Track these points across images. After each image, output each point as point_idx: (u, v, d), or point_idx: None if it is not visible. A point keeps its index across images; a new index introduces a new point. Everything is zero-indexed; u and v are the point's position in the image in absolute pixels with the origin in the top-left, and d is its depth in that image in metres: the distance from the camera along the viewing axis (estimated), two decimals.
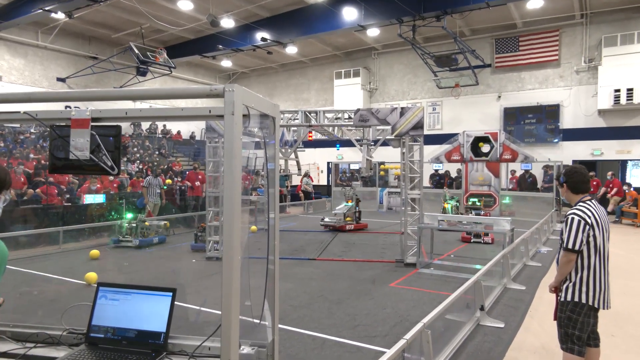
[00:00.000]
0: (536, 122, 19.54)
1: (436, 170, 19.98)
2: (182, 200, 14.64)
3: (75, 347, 2.18)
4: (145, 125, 22.91)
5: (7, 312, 2.59)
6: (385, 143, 9.72)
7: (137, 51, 17.29)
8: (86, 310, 2.26)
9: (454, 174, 19.04)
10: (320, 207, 19.63)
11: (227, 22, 17.82)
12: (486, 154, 14.45)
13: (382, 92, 23.64)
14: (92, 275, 7.06)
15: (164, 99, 1.90)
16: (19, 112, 2.18)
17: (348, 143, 13.73)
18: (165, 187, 14.76)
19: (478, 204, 13.31)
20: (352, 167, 23.33)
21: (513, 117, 20.02)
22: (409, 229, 8.53)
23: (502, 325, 5.12)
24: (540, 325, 5.19)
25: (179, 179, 16.55)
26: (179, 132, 24.53)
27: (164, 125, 24.07)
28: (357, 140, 10.85)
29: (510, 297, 6.29)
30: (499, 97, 20.40)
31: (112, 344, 2.15)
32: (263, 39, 18.70)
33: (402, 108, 8.75)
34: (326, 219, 13.30)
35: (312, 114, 9.88)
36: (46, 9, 15.11)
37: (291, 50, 21.62)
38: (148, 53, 17.70)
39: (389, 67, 23.43)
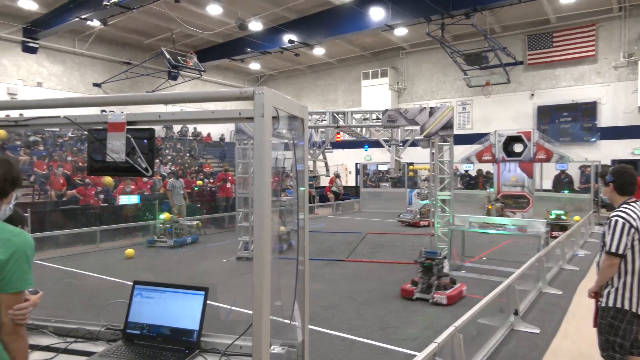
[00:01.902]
0: (572, 121, 18.89)
1: (466, 171, 19.60)
2: (212, 201, 14.90)
3: (113, 343, 2.25)
4: (176, 128, 23.43)
5: (49, 307, 2.71)
6: (414, 143, 9.63)
7: (168, 56, 17.72)
8: (123, 307, 2.34)
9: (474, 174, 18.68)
10: (349, 209, 19.58)
11: (255, 25, 18.04)
12: (519, 154, 14.06)
13: (410, 92, 23.40)
14: (130, 252, 9.13)
15: (195, 102, 1.94)
16: (59, 116, 2.27)
17: (376, 144, 13.65)
18: (196, 188, 15.06)
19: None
20: (381, 167, 23.19)
21: (547, 115, 19.42)
22: (439, 230, 8.40)
23: (537, 331, 4.97)
24: (578, 331, 5.01)
25: (210, 180, 16.85)
26: (209, 135, 24.98)
27: (195, 128, 24.56)
28: (386, 141, 10.79)
29: (546, 302, 6.10)
30: (532, 95, 19.84)
31: (148, 341, 2.22)
32: (290, 41, 18.83)
33: (431, 108, 8.64)
34: (401, 215, 14.68)
35: (339, 115, 9.88)
36: (83, 17, 15.70)
37: (318, 51, 21.69)
38: (179, 57, 18.12)
39: (417, 66, 23.17)
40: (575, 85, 18.94)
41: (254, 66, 25.20)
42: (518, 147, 14.33)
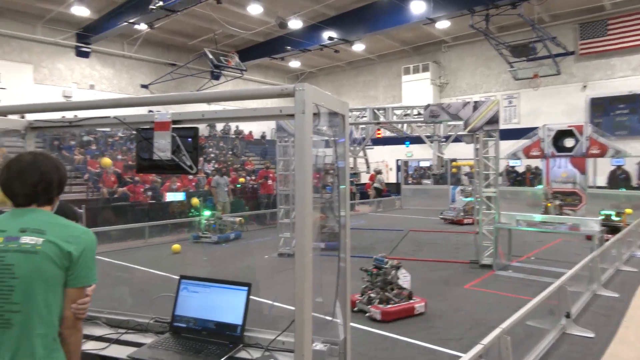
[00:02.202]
0: (629, 113, 17.78)
1: (512, 167, 18.90)
2: (254, 198, 15.15)
3: (161, 335, 2.33)
4: (219, 126, 24.00)
5: (102, 299, 2.82)
6: (457, 139, 9.37)
7: (211, 56, 18.13)
8: (170, 301, 2.41)
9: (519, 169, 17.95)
10: (390, 206, 19.38)
11: (295, 23, 18.14)
12: (570, 149, 13.39)
13: (453, 87, 22.81)
14: (176, 247, 9.44)
15: (237, 100, 1.96)
16: (109, 117, 2.37)
17: (418, 140, 13.40)
18: (239, 186, 15.35)
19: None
20: (422, 164, 22.77)
21: (601, 108, 18.38)
22: (484, 228, 8.15)
23: (591, 335, 4.71)
24: (637, 337, 4.71)
25: (252, 178, 17.14)
26: (250, 133, 25.42)
27: (237, 126, 25.05)
28: (428, 137, 10.58)
29: (600, 305, 5.78)
30: (585, 86, 18.84)
31: (193, 334, 2.27)
32: (330, 38, 18.81)
33: (475, 102, 8.38)
34: (444, 213, 14.34)
35: (380, 111, 9.77)
36: (131, 21, 16.35)
37: (358, 47, 21.54)
38: (221, 57, 18.50)
39: (460, 60, 22.54)
40: (633, 75, 17.81)
41: (294, 64, 25.37)
42: (569, 142, 13.62)
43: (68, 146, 15.41)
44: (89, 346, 2.27)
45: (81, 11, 16.88)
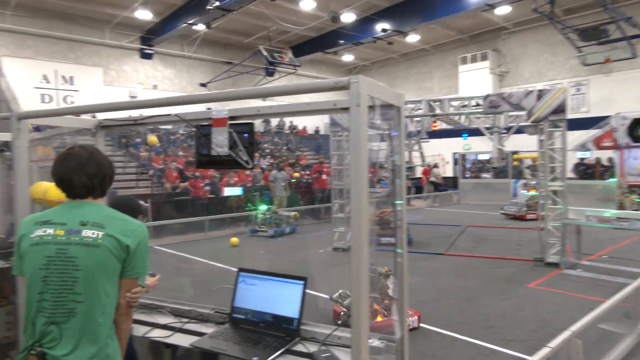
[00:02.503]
0: None
1: (581, 159, 17.71)
2: (308, 193, 15.29)
3: (221, 325, 2.40)
4: (274, 122, 24.44)
5: (167, 289, 2.97)
6: (519, 130, 8.91)
7: (265, 53, 18.45)
8: (229, 292, 2.48)
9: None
10: (447, 200, 18.84)
11: (348, 17, 18.02)
12: None
13: (514, 75, 21.71)
14: (234, 240, 9.79)
15: (291, 94, 1.96)
16: (170, 114, 2.46)
17: (476, 132, 12.90)
18: (293, 180, 15.55)
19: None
20: (481, 157, 21.93)
21: None
22: (550, 224, 7.70)
23: None
24: None
25: (306, 172, 17.31)
26: (304, 128, 25.66)
27: (291, 122, 25.38)
28: (487, 129, 10.16)
29: None
30: None
31: (252, 325, 2.32)
32: (383, 30, 18.49)
33: (539, 91, 7.91)
34: (505, 208, 13.69)
35: (436, 103, 9.49)
36: (189, 22, 17.00)
37: (412, 38, 21.04)
38: (275, 54, 18.76)
39: (522, 46, 21.39)
40: None
41: (347, 58, 25.25)
42: None
43: (134, 144, 16.32)
44: (155, 334, 2.38)
45: (144, 15, 17.77)
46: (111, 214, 1.79)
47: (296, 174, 16.51)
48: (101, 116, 2.85)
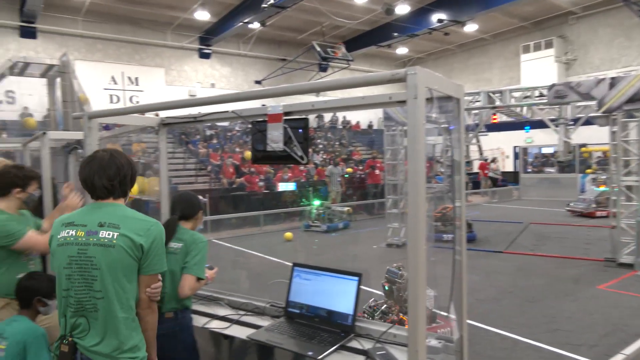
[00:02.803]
0: None
1: None
2: (362, 188, 15.22)
3: (277, 319, 2.43)
4: (327, 118, 24.50)
5: (224, 282, 3.06)
6: (588, 122, 8.32)
7: (318, 49, 18.50)
8: (284, 286, 2.50)
9: None
10: (507, 196, 18.04)
11: (402, 9, 17.64)
12: None
13: (582, 63, 20.33)
14: (289, 235, 9.92)
15: (346, 88, 1.93)
16: (227, 111, 2.52)
17: (539, 124, 12.25)
18: (346, 176, 15.54)
19: None
20: (544, 150, 20.76)
21: None
22: (623, 222, 7.15)
23: None
24: None
25: (359, 167, 17.23)
26: (357, 123, 25.52)
27: (344, 117, 25.32)
28: (552, 120, 9.60)
29: None
30: None
31: (306, 320, 2.33)
32: (439, 20, 17.94)
33: (612, 79, 7.34)
34: (572, 204, 13.01)
35: (496, 95, 9.08)
36: (245, 21, 17.40)
37: (470, 28, 20.25)
38: (328, 49, 18.77)
39: (592, 32, 19.96)
40: None
41: (401, 51, 24.78)
42: None
43: (193, 141, 17.00)
44: (214, 325, 2.46)
45: (203, 15, 18.41)
46: (128, 214, 1.86)
47: (349, 169, 16.48)
48: (163, 114, 2.98)
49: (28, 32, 16.99)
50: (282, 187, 13.59)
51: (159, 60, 20.37)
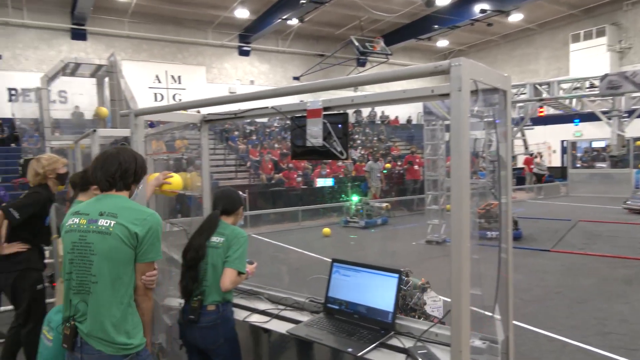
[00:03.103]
0: None
1: None
2: (401, 184, 15.03)
3: (316, 315, 2.43)
4: (365, 113, 24.33)
5: (264, 276, 3.09)
6: None
7: (357, 43, 18.33)
8: (323, 282, 2.50)
9: None
10: (553, 192, 17.29)
11: (443, 0, 17.21)
12: None
13: (638, 51, 19.14)
14: (327, 230, 9.91)
15: (388, 81, 1.89)
16: (266, 107, 2.54)
17: (589, 117, 11.65)
18: (385, 172, 15.39)
19: None
20: (595, 144, 19.74)
21: None
22: None
23: None
24: None
25: (398, 163, 17.01)
26: (396, 118, 25.19)
27: (382, 112, 25.06)
28: (604, 113, 9.11)
29: None
30: None
31: (345, 316, 2.32)
32: (482, 11, 17.36)
33: None
34: (629, 202, 12.25)
35: (543, 86, 8.70)
36: (284, 17, 17.52)
37: (515, 17, 19.51)
38: (367, 43, 18.58)
39: None
40: None
41: (442, 43, 24.23)
42: None
43: (233, 137, 17.32)
44: (254, 318, 2.49)
45: (242, 13, 18.70)
46: (126, 205, 1.98)
47: (388, 165, 16.30)
48: (205, 111, 3.04)
49: (79, 34, 17.85)
50: (320, 182, 13.62)
51: (200, 58, 20.86)
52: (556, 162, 21.33)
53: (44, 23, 17.14)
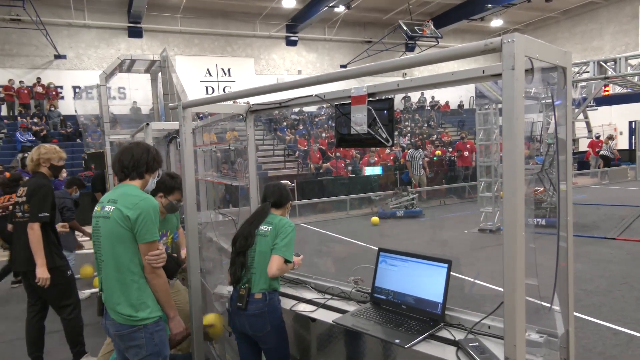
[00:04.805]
0: None
1: None
2: (451, 171, 14.60)
3: (362, 304, 2.40)
4: (414, 99, 23.76)
5: (312, 266, 3.10)
6: None
7: (405, 28, 17.90)
8: (369, 272, 2.46)
9: None
10: (619, 177, 16.14)
11: None
12: None
13: None
14: (375, 219, 10.10)
15: (435, 63, 1.79)
16: (310, 95, 2.51)
17: None
18: (435, 159, 15.00)
19: None
20: None
21: None
22: None
23: None
24: None
25: (450, 149, 16.52)
26: (447, 103, 24.40)
27: (432, 97, 24.36)
28: None
29: None
30: None
31: (393, 307, 2.27)
32: None
33: None
34: None
35: (609, 64, 8.08)
36: (330, 5, 17.36)
37: None
38: (415, 27, 18.08)
39: None
40: None
41: (496, 23, 23.10)
42: None
43: (281, 127, 17.51)
44: (301, 307, 2.50)
45: (289, 3, 18.72)
46: (127, 192, 2.20)
47: (438, 152, 15.86)
48: (252, 102, 3.06)
49: (135, 32, 18.64)
50: (369, 171, 13.49)
51: (249, 50, 21.18)
52: (623, 144, 19.87)
53: (104, 22, 18.04)
